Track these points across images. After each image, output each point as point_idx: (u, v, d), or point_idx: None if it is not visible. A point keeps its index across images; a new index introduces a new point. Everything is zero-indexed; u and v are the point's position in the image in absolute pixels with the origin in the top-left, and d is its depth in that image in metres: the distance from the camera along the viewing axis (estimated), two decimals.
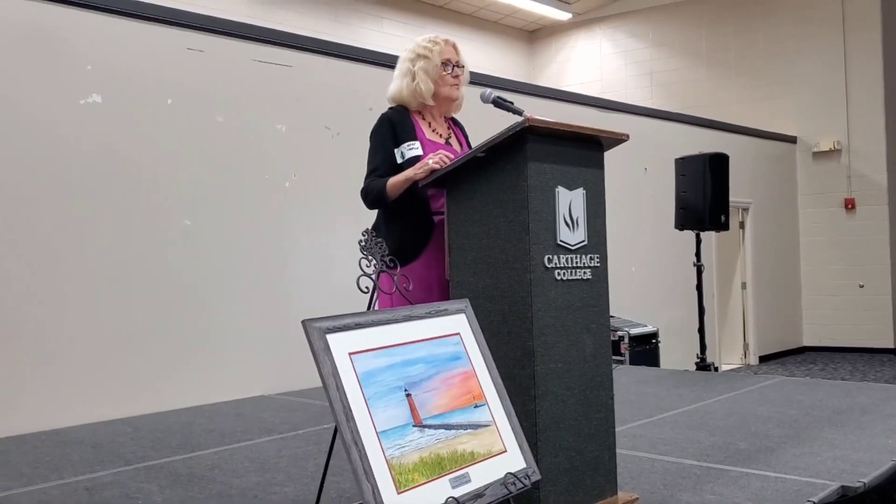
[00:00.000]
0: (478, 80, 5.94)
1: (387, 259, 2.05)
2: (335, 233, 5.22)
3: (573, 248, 2.32)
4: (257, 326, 4.89)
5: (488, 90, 2.69)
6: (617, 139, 2.47)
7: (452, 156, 2.46)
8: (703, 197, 6.05)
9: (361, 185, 2.64)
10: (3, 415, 3.89)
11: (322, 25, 9.50)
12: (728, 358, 9.85)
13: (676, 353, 7.57)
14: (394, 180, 2.51)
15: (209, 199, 4.77)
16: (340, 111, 5.35)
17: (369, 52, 5.78)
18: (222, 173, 4.83)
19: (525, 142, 2.22)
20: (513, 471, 1.95)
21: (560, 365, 2.26)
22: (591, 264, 2.38)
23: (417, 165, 2.46)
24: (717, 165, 6.16)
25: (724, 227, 6.26)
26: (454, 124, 2.83)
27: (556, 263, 2.26)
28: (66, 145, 4.20)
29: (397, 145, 2.57)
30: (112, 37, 4.39)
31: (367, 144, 2.70)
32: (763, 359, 10.05)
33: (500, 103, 2.66)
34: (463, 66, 2.72)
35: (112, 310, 4.32)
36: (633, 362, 6.39)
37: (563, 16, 12.20)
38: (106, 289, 4.31)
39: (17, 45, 4.06)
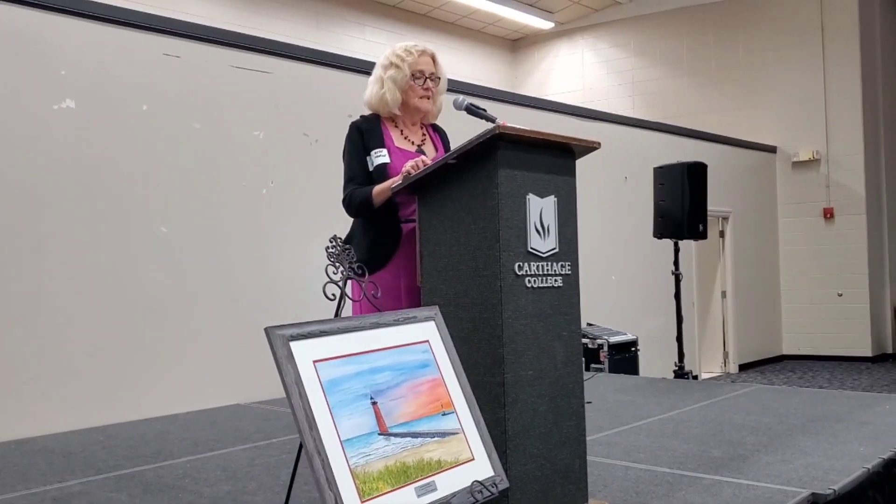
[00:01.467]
0: (460, 88, 5.96)
1: (355, 266, 2.04)
2: (312, 240, 5.16)
3: (544, 255, 2.31)
4: (233, 334, 4.85)
5: (461, 97, 2.68)
6: (588, 147, 2.48)
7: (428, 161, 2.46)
8: (682, 206, 6.08)
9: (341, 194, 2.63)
10: None
11: (304, 32, 9.49)
12: (708, 366, 9.89)
13: (657, 362, 7.59)
14: (380, 188, 2.51)
15: (185, 206, 4.73)
16: (319, 118, 5.33)
17: (348, 58, 5.78)
18: (199, 180, 4.80)
19: (496, 149, 2.21)
20: (480, 479, 1.94)
21: (530, 372, 2.26)
22: (563, 272, 2.37)
23: (401, 173, 2.45)
24: (695, 174, 6.19)
25: (702, 235, 6.29)
26: (434, 131, 2.83)
27: (526, 271, 2.26)
28: (38, 151, 4.16)
29: (367, 153, 2.57)
30: (86, 42, 4.36)
31: None
32: (743, 367, 10.10)
33: (472, 110, 2.65)
34: (438, 78, 2.72)
35: (87, 317, 4.28)
36: (612, 370, 6.40)
37: (546, 25, 12.25)
38: (80, 296, 4.26)
39: None
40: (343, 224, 2.73)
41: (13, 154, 4.07)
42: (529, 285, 2.27)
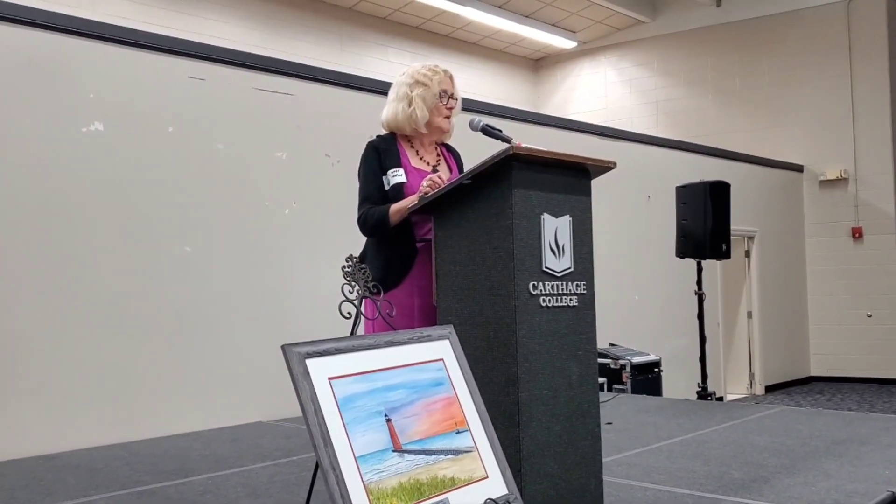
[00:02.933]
0: (482, 108, 5.99)
1: (370, 285, 2.06)
2: (334, 260, 5.22)
3: (559, 274, 2.33)
4: (256, 352, 4.89)
5: (477, 118, 2.72)
6: (604, 167, 2.49)
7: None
8: (704, 225, 6.04)
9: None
10: None
11: (328, 54, 9.62)
12: (734, 388, 9.76)
13: (680, 382, 7.52)
14: (396, 207, 2.53)
15: (209, 226, 4.81)
16: (340, 139, 5.40)
17: (369, 80, 5.85)
18: (223, 200, 4.87)
19: (510, 169, 2.24)
20: (494, 497, 1.94)
21: (545, 391, 2.26)
22: (578, 291, 2.38)
23: (418, 193, 2.48)
24: (717, 193, 6.16)
25: (725, 255, 6.25)
26: (447, 151, 2.86)
27: (541, 290, 2.27)
28: (67, 172, 4.26)
29: (384, 173, 2.61)
30: (114, 65, 4.47)
31: None
32: (769, 388, 9.96)
33: (488, 131, 2.68)
34: (457, 99, 2.76)
35: (111, 335, 4.34)
36: (634, 391, 6.35)
37: (569, 44, 12.30)
38: (104, 314, 4.33)
39: (20, 73, 4.13)
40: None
41: (44, 175, 4.17)
42: (544, 304, 2.28)
